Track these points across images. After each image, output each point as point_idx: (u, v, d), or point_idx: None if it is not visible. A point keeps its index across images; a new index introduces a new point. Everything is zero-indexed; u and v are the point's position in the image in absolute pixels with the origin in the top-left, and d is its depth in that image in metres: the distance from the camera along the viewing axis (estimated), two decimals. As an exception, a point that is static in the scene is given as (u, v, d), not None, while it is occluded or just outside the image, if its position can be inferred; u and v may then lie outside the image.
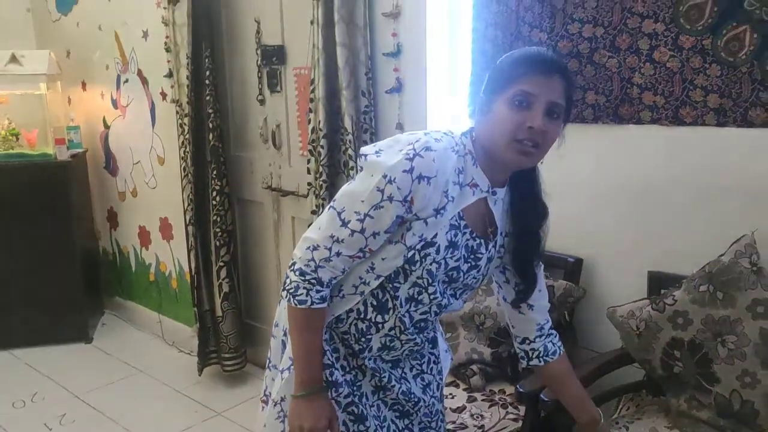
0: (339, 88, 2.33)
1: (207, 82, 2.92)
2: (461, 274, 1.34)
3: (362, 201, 1.23)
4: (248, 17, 2.92)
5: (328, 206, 1.29)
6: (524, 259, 1.43)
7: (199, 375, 3.18)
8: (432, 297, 1.33)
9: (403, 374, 1.47)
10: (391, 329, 1.36)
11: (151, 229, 3.71)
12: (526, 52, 1.30)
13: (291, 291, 1.31)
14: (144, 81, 3.47)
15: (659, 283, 1.92)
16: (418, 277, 1.30)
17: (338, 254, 1.27)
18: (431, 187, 1.22)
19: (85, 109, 3.94)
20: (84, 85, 3.90)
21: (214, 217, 3.03)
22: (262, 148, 3.01)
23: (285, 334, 1.44)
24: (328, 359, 1.37)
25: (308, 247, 1.29)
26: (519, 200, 1.39)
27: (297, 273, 1.30)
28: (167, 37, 3.06)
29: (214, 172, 2.98)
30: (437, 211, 1.25)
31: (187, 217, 3.09)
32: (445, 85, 2.36)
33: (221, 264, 3.07)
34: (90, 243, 4.03)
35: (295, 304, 1.31)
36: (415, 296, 1.33)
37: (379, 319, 1.35)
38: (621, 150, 2.00)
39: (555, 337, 1.57)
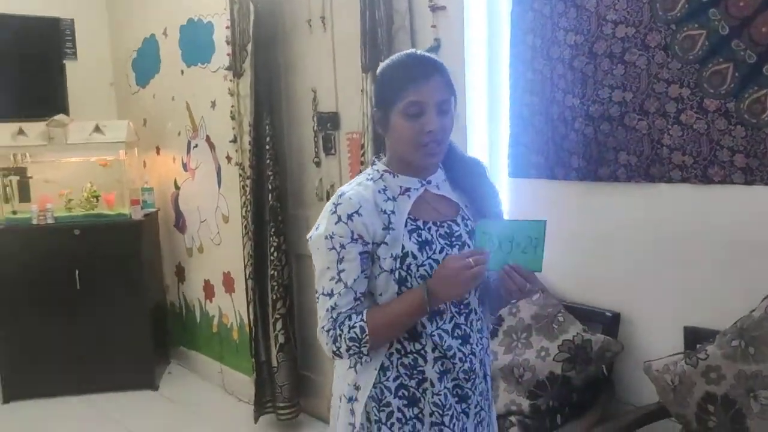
0: (386, 151, 2.50)
1: (267, 146, 3.14)
2: None
3: (328, 268, 1.36)
4: (305, 87, 3.15)
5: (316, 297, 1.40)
6: (492, 206, 1.49)
7: (255, 423, 3.30)
8: None
9: (465, 410, 1.45)
10: (434, 349, 1.41)
11: (215, 282, 3.93)
12: (403, 61, 1.38)
13: (345, 346, 1.36)
14: (211, 146, 3.74)
15: (695, 338, 1.95)
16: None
17: (340, 312, 1.37)
18: (364, 217, 1.35)
19: (159, 172, 4.26)
20: (158, 150, 4.23)
21: (272, 272, 3.20)
22: (318, 206, 3.19)
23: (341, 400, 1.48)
24: (375, 416, 1.41)
25: (320, 329, 1.39)
26: (454, 171, 1.48)
27: (327, 334, 1.37)
28: (233, 106, 3.32)
29: (273, 230, 3.17)
30: (386, 229, 1.36)
31: (247, 272, 3.27)
32: (483, 145, 2.48)
33: (277, 316, 3.22)
34: (159, 296, 4.28)
35: (362, 345, 1.35)
36: None
37: (417, 347, 1.40)
38: (654, 207, 2.06)
39: None
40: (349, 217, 1.35)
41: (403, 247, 1.36)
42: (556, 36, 2.20)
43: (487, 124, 2.49)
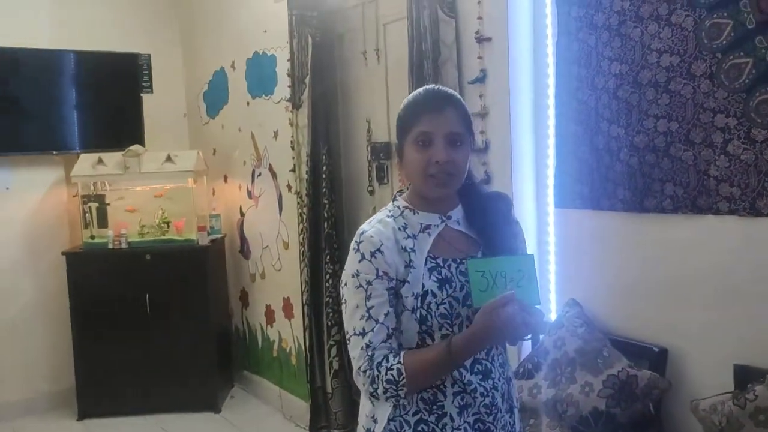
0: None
1: (323, 175, 3.29)
2: None
3: (357, 307, 1.41)
4: (360, 118, 3.28)
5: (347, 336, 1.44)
6: (507, 246, 1.50)
7: (310, 449, 3.40)
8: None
9: None
10: (453, 384, 1.45)
11: (276, 308, 4.09)
12: (419, 94, 1.46)
13: (382, 388, 1.37)
14: (274, 175, 3.93)
15: (745, 377, 1.90)
16: (438, 327, 1.41)
17: (375, 349, 1.39)
18: (387, 254, 1.40)
19: (226, 200, 4.49)
20: (225, 178, 4.47)
21: (327, 299, 3.32)
22: (371, 235, 3.29)
23: None
24: None
25: (356, 370, 1.42)
26: (470, 208, 1.51)
27: (364, 375, 1.39)
28: (292, 136, 3.49)
29: (328, 257, 3.30)
30: (408, 266, 1.41)
31: (304, 298, 3.41)
32: (529, 175, 2.52)
33: (332, 343, 3.33)
34: (224, 320, 4.48)
35: (399, 388, 1.36)
36: None
37: (437, 382, 1.45)
38: (701, 240, 2.03)
39: None
40: (372, 254, 1.41)
41: (423, 286, 1.41)
42: (600, 66, 2.22)
43: (534, 154, 2.53)
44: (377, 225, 1.46)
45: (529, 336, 1.40)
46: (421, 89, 1.49)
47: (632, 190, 2.17)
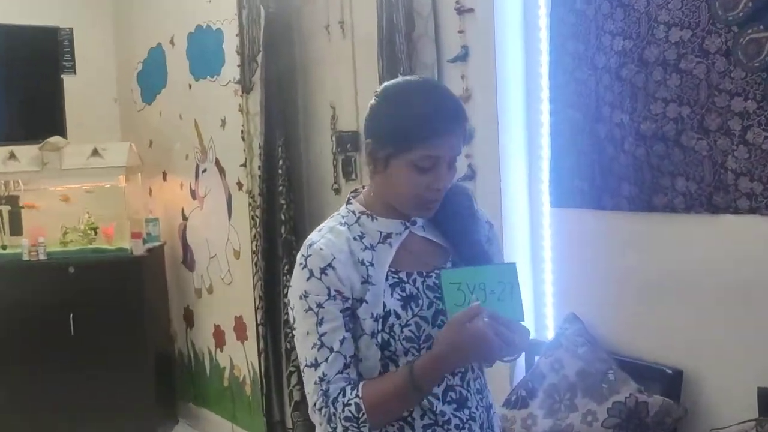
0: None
1: (280, 171, 3.28)
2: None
3: (308, 333, 1.41)
4: (323, 103, 3.28)
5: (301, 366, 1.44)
6: (480, 251, 1.52)
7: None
8: None
9: None
10: (422, 416, 1.44)
11: (226, 328, 4.07)
12: (430, 103, 1.41)
13: (341, 427, 1.38)
14: (221, 171, 3.91)
15: (770, 402, 1.93)
16: (403, 352, 1.42)
17: (330, 383, 1.39)
18: (340, 269, 1.40)
19: (165, 201, 4.46)
20: (165, 175, 4.43)
21: (286, 317, 3.30)
22: (338, 241, 3.29)
23: None
24: None
25: (311, 407, 1.42)
26: (440, 207, 1.49)
27: (319, 413, 1.40)
28: (243, 125, 3.48)
29: (286, 268, 3.28)
30: (365, 282, 1.41)
31: (258, 317, 3.39)
32: (520, 169, 2.55)
33: (292, 369, 3.31)
34: (165, 344, 4.45)
35: (360, 425, 1.37)
36: None
37: (404, 413, 1.44)
38: (719, 243, 2.06)
39: None
40: (323, 271, 1.40)
41: (384, 305, 1.41)
42: (601, 41, 2.24)
43: (526, 145, 2.55)
44: (328, 235, 1.45)
45: (513, 356, 1.41)
46: (427, 91, 1.45)
47: (639, 186, 2.18)
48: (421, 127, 1.39)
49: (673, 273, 2.16)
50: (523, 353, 2.16)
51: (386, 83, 1.52)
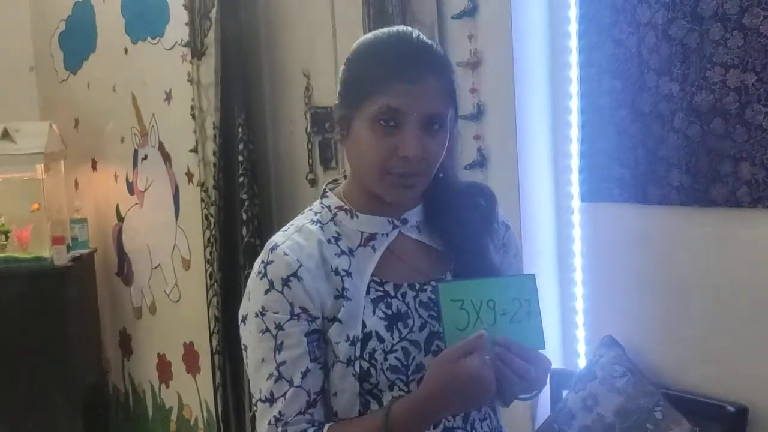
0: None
1: (240, 158, 3.27)
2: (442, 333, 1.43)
3: (263, 360, 1.41)
4: (295, 72, 3.27)
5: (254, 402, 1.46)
6: (492, 262, 1.51)
7: None
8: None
9: None
10: None
11: (173, 358, 4.06)
12: (386, 42, 1.43)
13: None
14: (166, 157, 3.91)
15: None
16: (387, 386, 1.41)
17: (287, 425, 1.40)
18: (306, 281, 1.40)
19: (95, 196, 4.46)
20: (94, 164, 4.43)
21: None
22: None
23: None
24: None
25: None
26: (435, 205, 1.51)
27: None
28: (193, 99, 3.47)
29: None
30: (339, 297, 1.41)
31: (214, 344, 3.39)
32: (543, 154, 2.55)
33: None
34: (96, 378, 4.45)
35: None
36: None
37: None
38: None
39: None
40: (285, 282, 1.40)
41: (365, 325, 1.41)
42: (644, -10, 2.25)
43: (550, 123, 2.55)
44: (295, 236, 1.46)
45: (531, 393, 1.41)
46: (384, 32, 1.47)
47: (692, 174, 2.19)
48: (377, 66, 1.40)
49: (736, 284, 2.16)
50: (545, 387, 2.15)
51: (360, 38, 1.52)
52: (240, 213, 3.28)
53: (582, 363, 2.49)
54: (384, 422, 1.36)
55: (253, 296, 1.44)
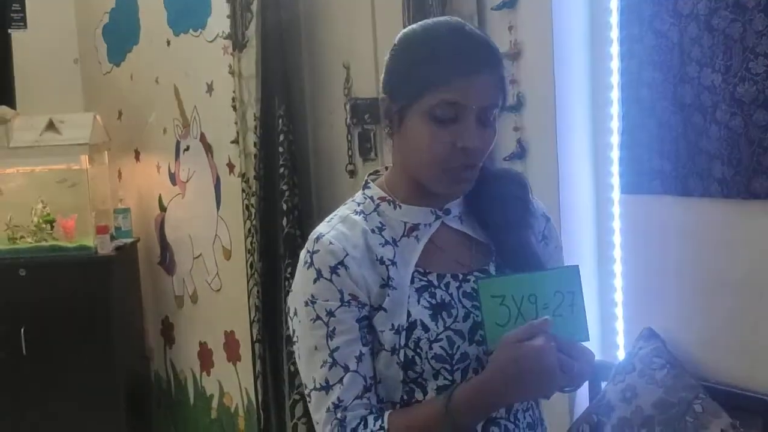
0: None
1: (281, 149, 3.29)
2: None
3: (315, 348, 1.41)
4: (335, 63, 3.28)
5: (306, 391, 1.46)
6: (533, 253, 1.51)
7: None
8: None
9: None
10: None
11: (214, 347, 4.10)
12: (443, 37, 1.41)
13: None
14: (207, 148, 3.94)
15: None
16: (432, 374, 1.42)
17: (347, 411, 1.40)
18: (354, 268, 1.41)
19: (138, 186, 4.50)
20: (137, 154, 4.47)
21: (288, 331, 3.32)
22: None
23: None
24: None
25: None
26: (481, 191, 1.51)
27: None
28: (234, 91, 3.50)
29: (289, 270, 3.30)
30: (384, 286, 1.42)
31: (254, 332, 3.41)
32: (583, 146, 2.54)
33: (296, 397, 3.32)
34: (139, 365, 4.51)
35: None
36: None
37: None
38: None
39: None
40: (333, 270, 1.41)
41: (409, 314, 1.42)
42: (686, -20, 2.23)
43: (590, 114, 2.54)
44: (339, 226, 1.47)
45: (574, 387, 1.40)
46: (433, 23, 1.47)
47: (734, 167, 2.16)
48: (437, 64, 1.39)
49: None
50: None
51: (405, 29, 1.52)
52: (280, 204, 3.30)
53: (621, 355, 2.48)
54: (446, 407, 1.36)
55: (302, 286, 1.45)
